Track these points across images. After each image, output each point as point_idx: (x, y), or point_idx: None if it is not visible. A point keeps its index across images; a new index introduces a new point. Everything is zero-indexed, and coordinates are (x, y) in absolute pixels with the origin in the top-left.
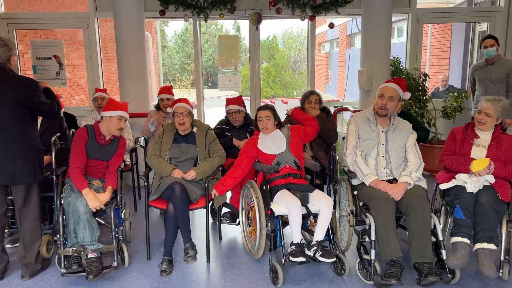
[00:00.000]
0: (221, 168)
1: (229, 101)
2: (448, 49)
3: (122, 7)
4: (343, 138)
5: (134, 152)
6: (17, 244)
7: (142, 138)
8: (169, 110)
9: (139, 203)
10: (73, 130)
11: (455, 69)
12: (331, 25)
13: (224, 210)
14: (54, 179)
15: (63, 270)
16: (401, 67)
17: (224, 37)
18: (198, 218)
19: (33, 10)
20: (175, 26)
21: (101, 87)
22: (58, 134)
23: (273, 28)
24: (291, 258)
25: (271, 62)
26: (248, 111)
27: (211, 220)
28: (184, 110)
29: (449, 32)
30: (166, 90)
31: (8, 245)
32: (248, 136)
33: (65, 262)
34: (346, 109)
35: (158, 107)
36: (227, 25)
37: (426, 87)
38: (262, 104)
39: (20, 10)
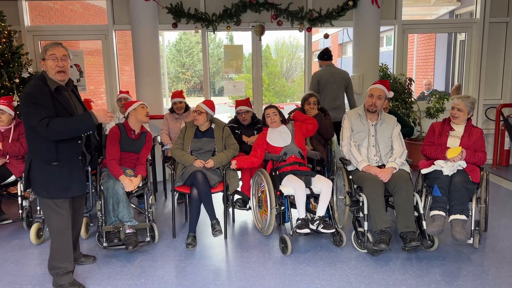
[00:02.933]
0: None
1: (239, 103)
2: (433, 56)
3: (139, 21)
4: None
5: (152, 149)
6: None
7: (159, 137)
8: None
9: (158, 194)
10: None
11: (439, 74)
12: (326, 36)
13: (236, 197)
14: (90, 170)
15: (105, 244)
16: (389, 73)
17: (229, 47)
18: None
19: (56, 23)
20: (169, 36)
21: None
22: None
23: (266, 37)
24: (298, 230)
25: (265, 71)
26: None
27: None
28: (199, 109)
29: (433, 41)
30: (178, 94)
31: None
32: (256, 133)
33: (106, 238)
34: None
35: (171, 110)
36: (221, 35)
37: (412, 90)
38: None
39: (44, 23)
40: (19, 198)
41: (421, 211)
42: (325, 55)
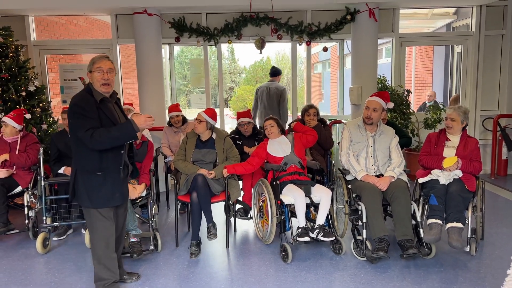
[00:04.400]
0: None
1: (241, 114)
2: (431, 68)
3: (142, 35)
4: (338, 143)
5: (155, 160)
6: (63, 237)
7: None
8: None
9: (160, 205)
10: None
11: (437, 85)
12: (325, 49)
13: (238, 207)
14: None
15: None
16: (387, 84)
17: (195, 61)
18: (215, 215)
19: (61, 37)
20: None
21: (122, 104)
22: None
23: (267, 49)
24: (298, 239)
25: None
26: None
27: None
28: (199, 117)
29: (431, 53)
30: (174, 108)
31: (55, 238)
32: (256, 144)
33: None
34: (340, 122)
35: (170, 123)
36: (222, 48)
37: (409, 102)
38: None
39: (49, 38)
40: (26, 209)
41: (419, 220)
42: (271, 72)
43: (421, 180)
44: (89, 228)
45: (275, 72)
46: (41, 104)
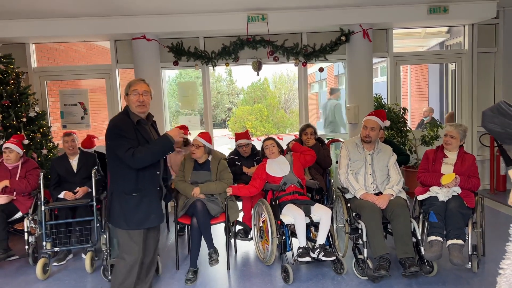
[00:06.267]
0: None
1: (239, 136)
2: (426, 85)
3: (141, 60)
4: (336, 162)
5: None
6: (63, 262)
7: None
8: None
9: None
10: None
11: (433, 102)
12: (321, 69)
13: (238, 228)
14: (94, 204)
15: (110, 277)
16: (383, 103)
17: (183, 84)
18: (215, 237)
19: (61, 64)
20: (169, 72)
21: None
22: (96, 167)
23: (264, 71)
24: (299, 259)
25: (263, 102)
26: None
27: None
28: (196, 143)
29: (426, 71)
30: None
31: (55, 263)
32: (255, 164)
33: (110, 271)
34: (338, 140)
35: None
36: (220, 70)
37: (406, 119)
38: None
39: (49, 64)
40: (25, 234)
41: (419, 237)
42: (330, 90)
43: (420, 197)
44: (120, 251)
45: (331, 91)
46: (41, 130)
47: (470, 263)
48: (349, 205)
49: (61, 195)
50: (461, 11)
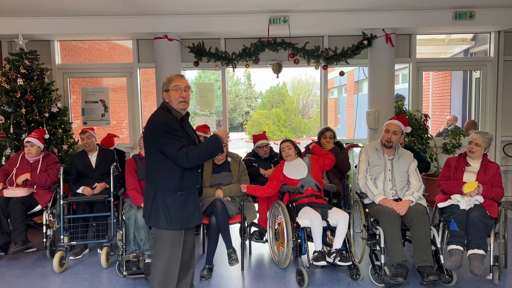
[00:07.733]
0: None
1: (258, 137)
2: (449, 93)
3: (163, 59)
4: (355, 167)
5: None
6: (79, 257)
7: None
8: None
9: None
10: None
11: (455, 110)
12: (342, 73)
13: (253, 229)
14: (112, 200)
15: (125, 273)
16: (404, 109)
17: (200, 85)
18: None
19: (84, 61)
20: (189, 74)
21: (142, 127)
22: (114, 163)
23: (283, 75)
24: (315, 263)
25: (281, 107)
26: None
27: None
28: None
29: (449, 78)
30: (201, 128)
31: (71, 257)
32: (272, 166)
33: (126, 267)
34: (357, 145)
35: None
36: (239, 73)
37: (427, 126)
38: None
39: (73, 62)
40: (44, 227)
41: (438, 245)
42: None
43: (440, 205)
44: (159, 252)
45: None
46: (62, 125)
47: (491, 274)
48: (367, 210)
49: (79, 190)
50: (488, 17)
